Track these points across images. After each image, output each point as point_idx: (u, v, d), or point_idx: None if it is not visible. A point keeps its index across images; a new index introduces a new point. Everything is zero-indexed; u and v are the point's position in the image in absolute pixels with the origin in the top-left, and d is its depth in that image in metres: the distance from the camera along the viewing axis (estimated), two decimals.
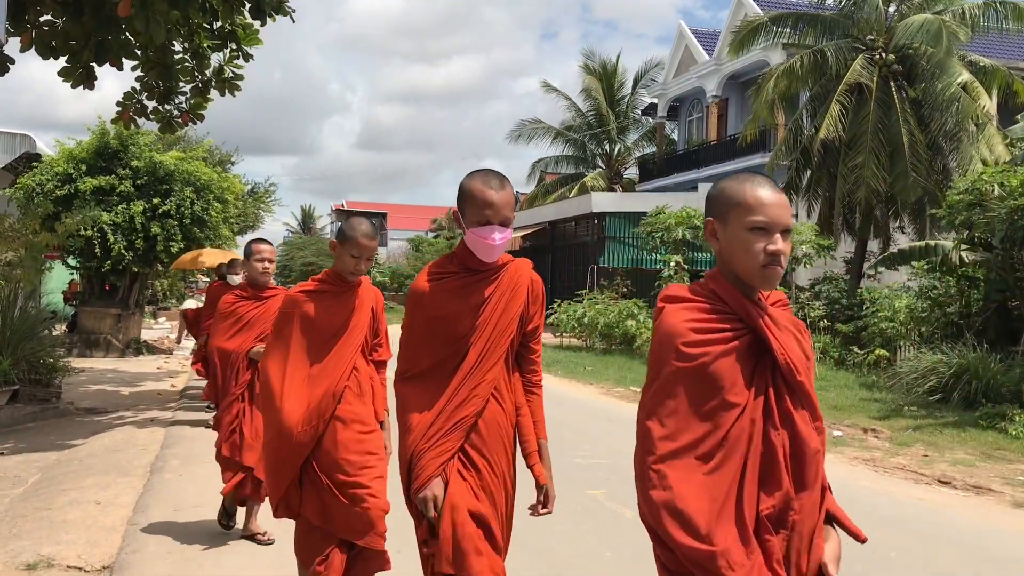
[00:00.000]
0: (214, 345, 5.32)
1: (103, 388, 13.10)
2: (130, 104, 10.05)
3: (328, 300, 3.82)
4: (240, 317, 5.25)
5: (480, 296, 2.97)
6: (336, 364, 3.76)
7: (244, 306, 5.28)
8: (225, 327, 5.27)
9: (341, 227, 3.73)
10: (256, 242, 5.33)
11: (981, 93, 17.62)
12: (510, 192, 2.91)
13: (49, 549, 5.13)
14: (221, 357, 5.29)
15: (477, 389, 2.92)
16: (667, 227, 20.49)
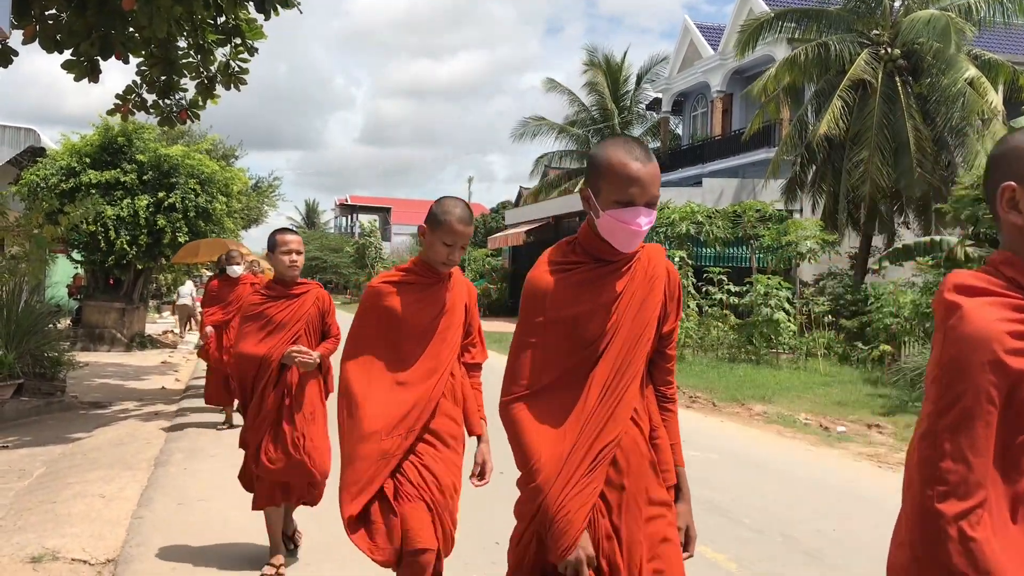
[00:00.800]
0: (241, 351, 4.70)
1: (107, 382, 13.12)
2: (130, 98, 10.05)
3: (416, 293, 3.39)
4: (269, 319, 4.67)
5: (612, 291, 2.39)
6: (430, 368, 3.35)
7: (273, 306, 4.71)
8: (252, 330, 4.69)
9: (432, 210, 3.29)
10: (281, 232, 4.73)
11: (988, 89, 17.58)
12: (656, 166, 2.36)
13: (54, 542, 5.14)
14: (249, 364, 4.66)
15: (617, 410, 2.33)
16: (671, 222, 20.45)
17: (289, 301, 4.73)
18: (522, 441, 2.35)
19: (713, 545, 5.36)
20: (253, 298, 4.78)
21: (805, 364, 15.77)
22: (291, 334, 4.68)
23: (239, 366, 4.73)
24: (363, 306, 3.44)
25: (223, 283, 9.36)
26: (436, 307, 3.41)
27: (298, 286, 4.78)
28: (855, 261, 20.29)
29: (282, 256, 4.66)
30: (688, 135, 36.92)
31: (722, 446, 8.78)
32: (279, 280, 4.77)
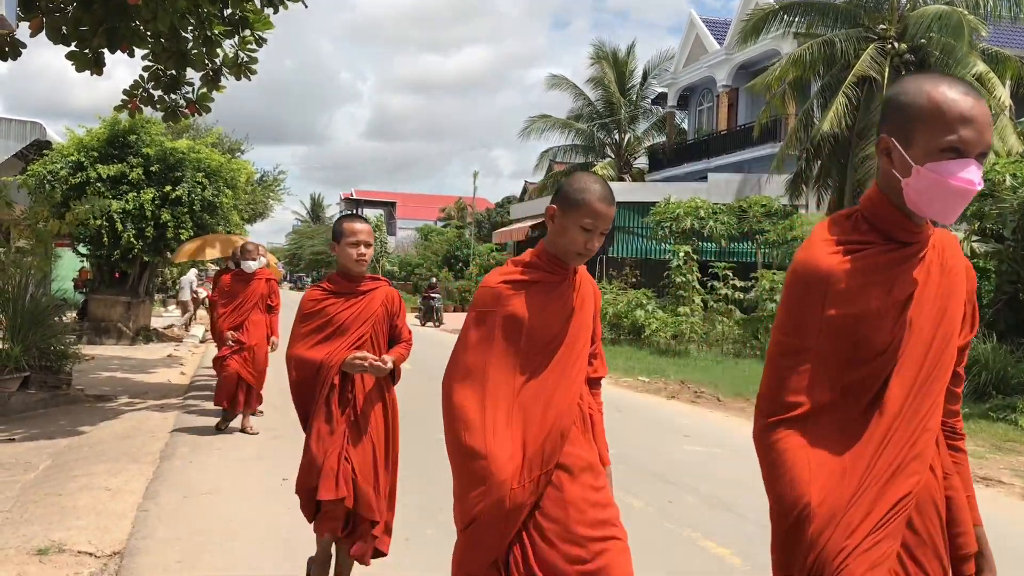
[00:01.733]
0: (296, 354, 4.04)
1: (113, 375, 13.15)
2: (137, 93, 10.05)
3: (542, 294, 2.71)
4: (330, 319, 4.04)
5: (908, 283, 1.86)
6: (562, 387, 2.69)
7: (335, 304, 4.08)
8: (308, 331, 4.05)
9: (563, 189, 2.71)
10: (348, 219, 4.10)
11: (996, 84, 17.52)
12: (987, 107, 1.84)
13: (60, 534, 5.16)
14: (306, 370, 4.02)
15: (917, 444, 1.81)
16: (676, 217, 20.43)
17: (354, 300, 4.11)
18: (788, 476, 1.84)
19: (718, 540, 5.36)
20: (312, 294, 4.13)
21: None
22: (354, 338, 4.05)
23: (295, 371, 4.07)
24: (477, 312, 2.73)
25: (236, 278, 8.89)
26: (565, 311, 2.75)
27: (365, 282, 4.16)
28: None
29: (348, 247, 4.03)
30: (693, 130, 36.85)
31: (727, 441, 8.77)
32: (344, 275, 4.13)
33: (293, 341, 4.09)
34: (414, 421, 9.56)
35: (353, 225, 4.06)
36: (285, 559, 4.85)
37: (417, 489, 6.42)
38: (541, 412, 2.64)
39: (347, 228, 4.05)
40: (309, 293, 4.14)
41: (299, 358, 4.04)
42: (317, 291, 4.14)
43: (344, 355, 3.99)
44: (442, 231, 57.94)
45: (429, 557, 4.91)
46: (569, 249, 2.68)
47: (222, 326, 8.70)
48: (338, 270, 4.17)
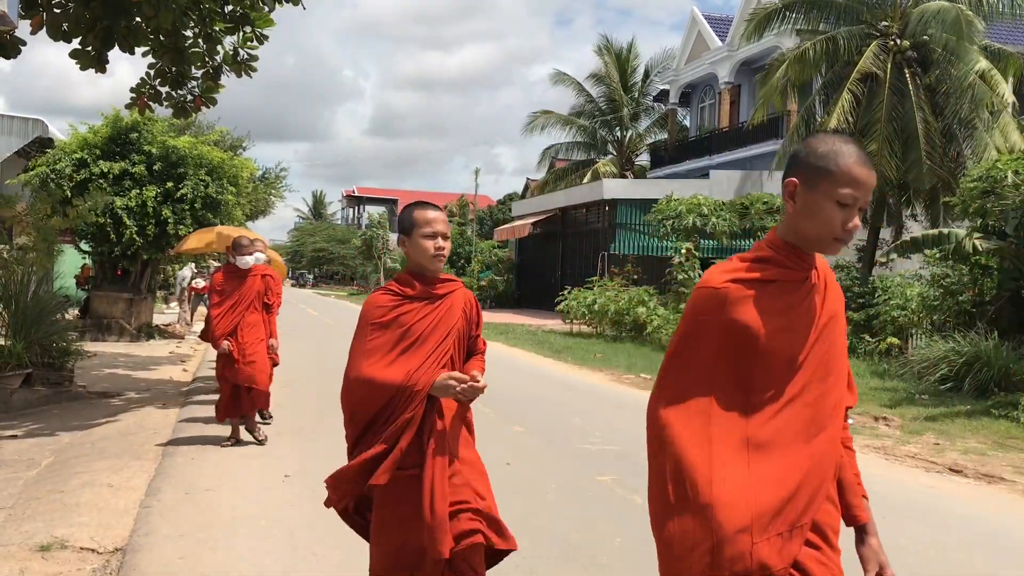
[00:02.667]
0: (363, 375, 3.18)
1: (115, 372, 13.17)
2: (144, 91, 10.06)
3: (783, 296, 2.11)
4: (407, 330, 3.24)
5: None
6: (816, 421, 2.12)
7: (410, 311, 3.29)
8: (378, 345, 3.23)
9: (803, 155, 2.12)
10: (420, 208, 3.40)
11: (999, 81, 17.49)
12: None
13: (62, 531, 5.17)
14: (377, 395, 3.18)
15: None
16: (678, 214, 20.42)
17: (432, 305, 3.33)
18: None
19: None
20: (380, 299, 3.33)
21: None
22: (437, 353, 3.26)
23: (359, 395, 3.21)
24: (695, 319, 2.14)
25: (230, 275, 8.09)
26: (810, 316, 2.14)
27: (442, 283, 3.39)
28: (863, 253, 20.23)
29: (424, 240, 3.30)
30: (695, 127, 36.85)
31: None
32: (416, 274, 3.37)
33: (358, 359, 3.22)
34: None
35: (426, 213, 3.34)
36: (288, 555, 4.86)
37: None
38: (790, 449, 2.07)
39: (420, 217, 3.34)
40: (376, 298, 3.34)
41: (369, 380, 3.16)
42: (385, 295, 3.34)
43: (430, 375, 3.16)
44: None
45: None
46: (822, 233, 2.10)
47: (215, 329, 7.89)
48: (408, 269, 3.42)
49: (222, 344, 7.83)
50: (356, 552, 4.93)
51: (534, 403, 10.87)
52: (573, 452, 7.88)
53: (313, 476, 6.71)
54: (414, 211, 3.38)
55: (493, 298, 37.72)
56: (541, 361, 16.27)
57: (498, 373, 14.19)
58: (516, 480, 6.70)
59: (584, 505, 6.05)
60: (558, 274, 32.08)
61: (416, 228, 3.32)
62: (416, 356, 3.21)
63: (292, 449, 7.73)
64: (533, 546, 5.08)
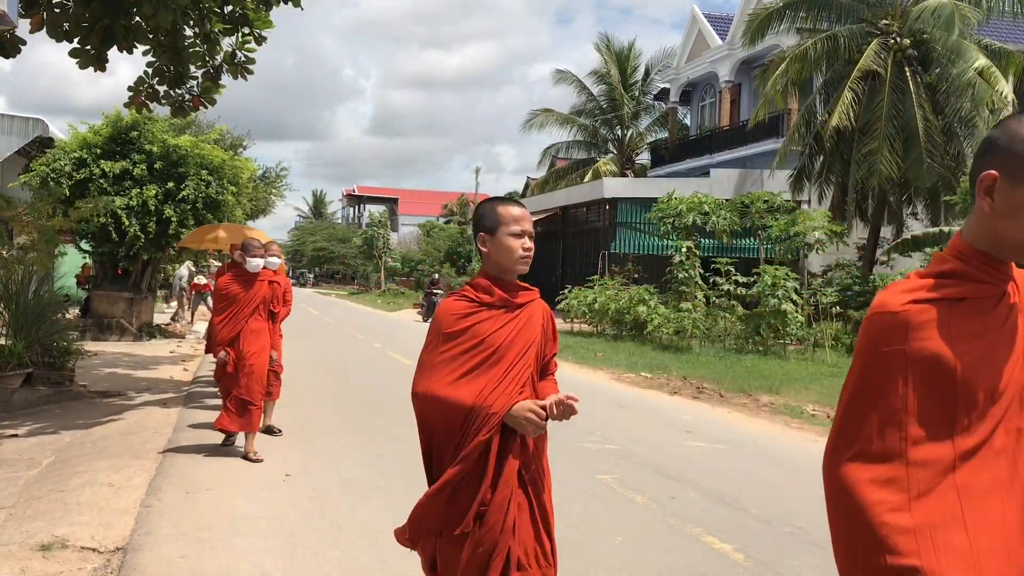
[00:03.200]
0: (430, 393, 2.82)
1: (116, 371, 13.17)
2: (142, 89, 10.06)
3: (974, 318, 1.75)
4: (481, 342, 2.83)
5: None
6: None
7: (488, 321, 2.88)
8: (449, 359, 2.83)
9: (1005, 142, 1.72)
10: (502, 203, 3.01)
11: (998, 78, 17.49)
12: None
13: (63, 530, 5.17)
14: (451, 416, 2.79)
15: None
16: (678, 213, 20.42)
17: (510, 314, 2.92)
18: None
19: (720, 536, 5.36)
20: (455, 305, 2.92)
21: (812, 355, 15.74)
22: (513, 371, 2.84)
23: (427, 412, 2.88)
24: (874, 353, 1.76)
25: (236, 279, 7.56)
26: (1013, 343, 1.78)
27: (522, 291, 2.98)
28: (863, 252, 20.23)
29: (510, 239, 2.91)
30: (696, 125, 36.84)
31: (729, 437, 8.77)
32: (496, 278, 2.95)
33: (426, 372, 2.86)
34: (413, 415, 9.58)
35: (513, 210, 2.95)
36: (288, 554, 4.86)
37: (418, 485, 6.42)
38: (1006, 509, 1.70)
39: (507, 214, 2.93)
40: (450, 305, 2.94)
41: (437, 398, 2.79)
42: (460, 301, 2.93)
43: (507, 397, 2.77)
44: (444, 227, 57.99)
45: None
46: None
47: (217, 336, 7.42)
48: (485, 272, 2.99)
49: (220, 353, 7.35)
50: (356, 551, 4.94)
51: None
52: (574, 451, 7.88)
53: (314, 476, 6.72)
54: (498, 207, 2.98)
55: None
56: None
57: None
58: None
59: (585, 504, 6.05)
60: (559, 273, 32.08)
61: (502, 226, 2.92)
62: (491, 373, 2.80)
63: (293, 449, 7.73)
64: None
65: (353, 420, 9.33)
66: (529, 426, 2.76)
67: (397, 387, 11.98)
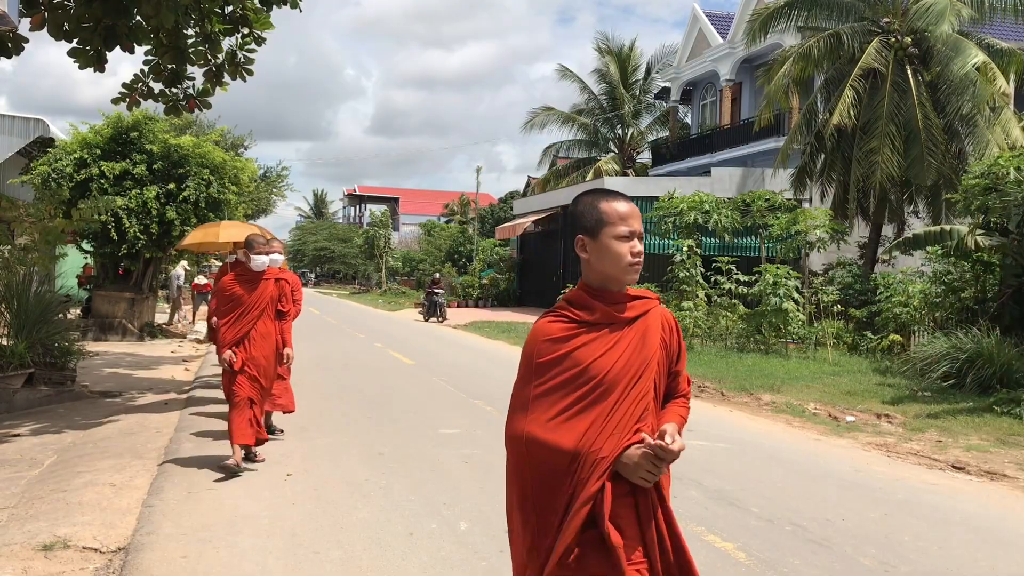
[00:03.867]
0: (519, 434, 2.33)
1: (117, 371, 13.18)
2: (136, 87, 10.06)
3: None
4: (583, 371, 2.33)
5: None
6: None
7: (591, 343, 2.37)
8: (545, 393, 2.33)
9: None
10: (607, 198, 2.47)
11: (997, 74, 17.47)
12: None
13: (65, 530, 5.17)
14: (551, 463, 2.29)
15: None
16: (679, 212, 20.39)
17: (617, 333, 2.39)
18: None
19: (722, 535, 5.36)
20: (551, 327, 2.40)
21: (814, 354, 15.73)
22: (630, 402, 2.34)
23: (521, 457, 2.34)
24: None
25: (239, 278, 6.98)
26: None
27: (632, 302, 2.46)
28: (864, 250, 20.22)
29: (616, 243, 2.41)
30: (697, 124, 36.81)
31: (731, 436, 8.77)
32: (599, 290, 2.45)
33: (518, 411, 2.36)
34: (414, 415, 9.58)
35: (618, 206, 2.43)
36: (290, 553, 4.87)
37: (419, 484, 6.43)
38: None
39: (612, 211, 2.42)
40: (543, 327, 2.42)
41: (532, 441, 2.30)
42: (556, 322, 2.41)
43: (618, 439, 2.29)
44: (445, 226, 58.00)
45: (433, 551, 4.92)
46: None
47: (221, 339, 6.84)
48: (586, 283, 2.48)
49: (225, 354, 6.74)
50: (357, 551, 4.94)
51: None
52: None
53: (315, 475, 6.72)
54: (600, 203, 2.44)
55: (495, 296, 37.75)
56: None
57: (500, 371, 14.20)
58: None
59: None
60: (560, 272, 32.07)
61: (606, 226, 2.41)
62: (598, 409, 2.30)
63: (294, 448, 7.73)
64: None
65: (354, 419, 9.33)
66: (642, 473, 2.26)
67: (398, 386, 11.98)
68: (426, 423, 9.15)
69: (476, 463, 7.21)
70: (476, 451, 7.70)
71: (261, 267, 6.92)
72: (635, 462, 2.25)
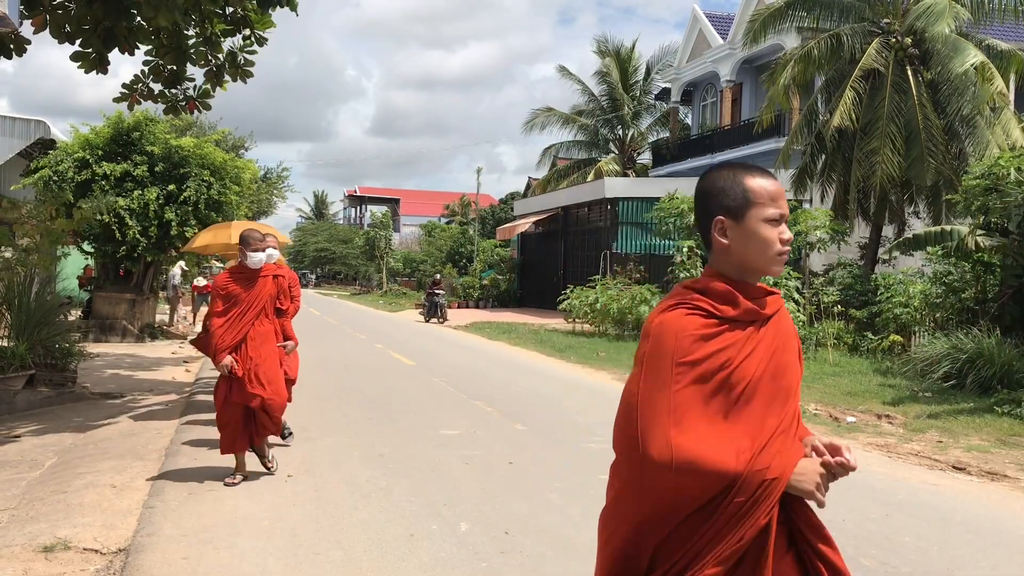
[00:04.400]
0: (666, 453, 1.94)
1: (118, 373, 13.19)
2: (137, 88, 10.06)
3: None
4: (732, 374, 2.02)
5: None
6: None
7: (735, 343, 2.05)
8: (691, 399, 1.98)
9: None
10: (751, 173, 2.14)
11: (995, 75, 17.46)
12: None
13: (66, 532, 5.18)
14: (695, 485, 1.96)
15: None
16: (680, 212, 20.40)
17: (761, 331, 2.09)
18: None
19: None
20: (689, 321, 2.03)
21: (815, 354, 15.73)
22: (787, 412, 2.07)
23: (662, 484, 1.98)
24: None
25: (236, 277, 6.67)
26: None
27: (768, 296, 2.15)
28: (865, 251, 20.21)
29: (764, 227, 2.08)
30: (697, 125, 36.80)
31: None
32: (740, 283, 2.11)
33: (660, 421, 1.97)
34: (415, 416, 9.59)
35: (767, 185, 2.10)
36: (290, 555, 4.87)
37: (420, 485, 6.43)
38: None
39: (760, 190, 2.09)
40: (680, 321, 2.04)
41: (681, 457, 1.91)
42: (695, 315, 2.04)
43: (789, 454, 1.99)
44: (446, 227, 58.03)
45: (433, 552, 4.92)
46: None
47: (218, 342, 6.43)
48: (721, 272, 2.13)
49: (224, 360, 6.35)
50: (357, 552, 4.94)
51: (537, 402, 10.87)
52: (576, 451, 7.88)
53: (315, 476, 6.72)
54: (745, 179, 2.11)
55: (495, 297, 37.75)
56: (544, 360, 16.26)
57: (500, 372, 14.21)
58: (518, 479, 6.70)
59: (587, 504, 6.04)
60: (560, 273, 32.09)
61: (754, 207, 2.08)
62: (752, 420, 1.99)
63: (295, 449, 7.73)
64: (536, 545, 5.09)
65: (355, 420, 9.34)
66: (816, 490, 1.98)
67: (399, 387, 11.99)
68: (426, 424, 9.15)
69: (476, 464, 7.21)
70: (476, 452, 7.70)
71: (258, 264, 6.60)
72: (814, 481, 1.95)
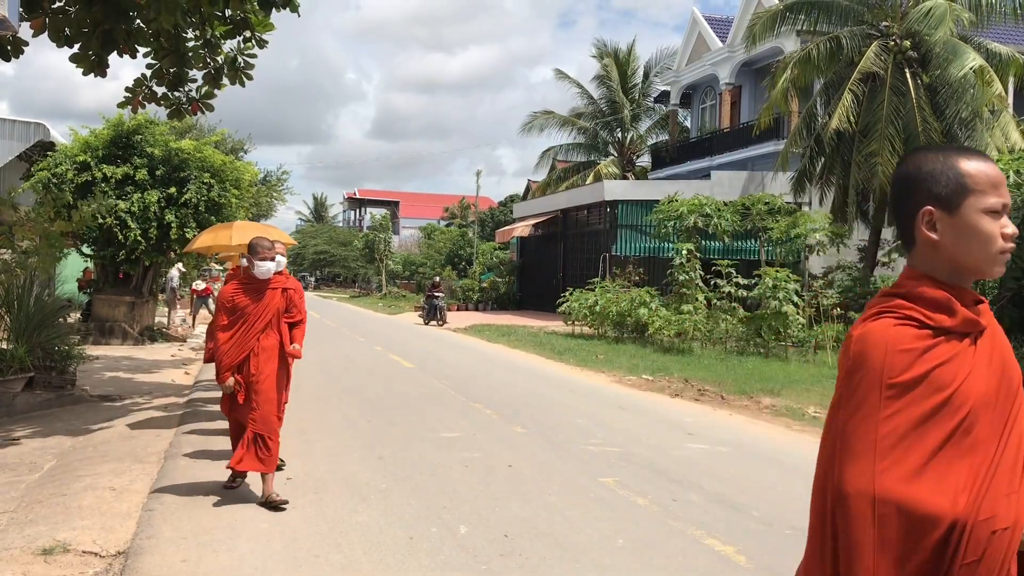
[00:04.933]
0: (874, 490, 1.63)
1: (117, 375, 13.18)
2: (140, 90, 10.07)
3: None
4: (949, 398, 1.66)
5: None
6: None
7: (950, 358, 1.69)
8: (902, 428, 1.64)
9: None
10: (965, 155, 1.79)
11: (994, 78, 17.50)
12: None
13: (65, 534, 5.17)
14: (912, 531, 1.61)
15: None
16: (679, 215, 20.42)
17: (975, 346, 1.75)
18: None
19: (722, 538, 5.36)
20: (899, 334, 1.72)
21: (814, 357, 15.73)
22: (1012, 446, 1.71)
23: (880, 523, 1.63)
24: None
25: (243, 288, 6.31)
26: None
27: (980, 304, 1.82)
28: (864, 254, 20.23)
29: (984, 220, 1.75)
30: (696, 128, 36.83)
31: (731, 439, 8.77)
32: (954, 287, 1.79)
33: (869, 454, 1.66)
34: (414, 418, 9.58)
35: (988, 170, 1.76)
36: (290, 557, 4.86)
37: (419, 487, 6.43)
38: None
39: (980, 176, 1.75)
40: (892, 332, 1.72)
41: (889, 499, 1.63)
42: (904, 326, 1.73)
43: (1017, 501, 1.66)
44: (445, 230, 58.06)
45: (432, 555, 4.92)
46: None
47: (223, 359, 6.13)
48: (929, 275, 1.80)
49: (228, 380, 6.11)
50: (357, 554, 4.94)
51: (536, 404, 10.87)
52: (575, 453, 7.88)
53: (314, 478, 6.72)
54: (960, 162, 1.77)
55: (495, 300, 37.76)
56: (543, 363, 16.26)
57: (500, 375, 14.21)
58: (518, 481, 6.70)
59: (586, 506, 6.05)
60: (559, 276, 32.09)
61: (971, 195, 1.74)
62: (976, 455, 1.66)
63: (295, 452, 7.73)
64: (535, 548, 5.09)
65: (354, 422, 9.33)
66: None
67: (398, 389, 11.98)
68: (426, 426, 9.15)
69: (476, 467, 7.20)
70: (476, 454, 7.70)
71: (267, 274, 6.21)
72: None
